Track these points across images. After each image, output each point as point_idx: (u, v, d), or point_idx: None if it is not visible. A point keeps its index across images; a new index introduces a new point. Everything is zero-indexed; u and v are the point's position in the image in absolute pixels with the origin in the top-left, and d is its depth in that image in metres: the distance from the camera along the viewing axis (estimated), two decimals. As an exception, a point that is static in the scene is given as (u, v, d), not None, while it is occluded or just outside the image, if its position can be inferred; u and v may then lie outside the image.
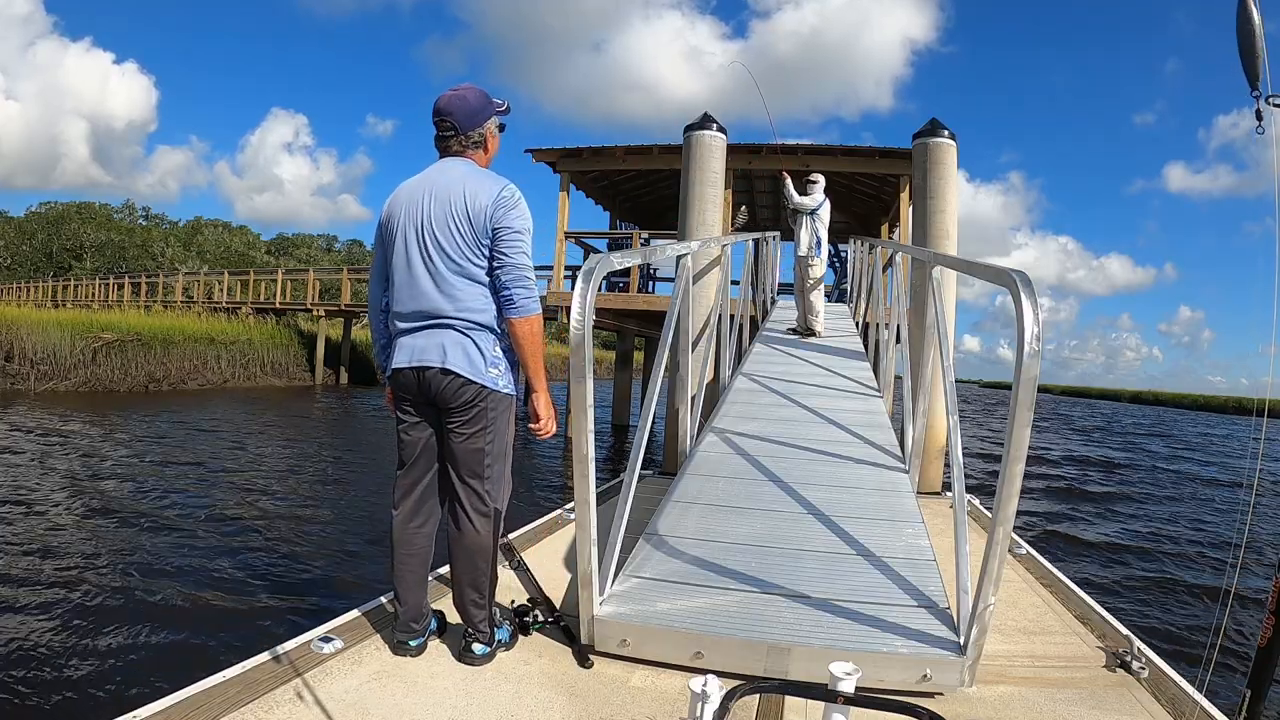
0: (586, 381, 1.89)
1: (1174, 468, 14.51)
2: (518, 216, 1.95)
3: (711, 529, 2.77)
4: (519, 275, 1.93)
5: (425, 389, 1.96)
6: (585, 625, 2.12)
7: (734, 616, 2.15)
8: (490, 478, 2.00)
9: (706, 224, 5.20)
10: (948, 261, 3.59)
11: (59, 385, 15.99)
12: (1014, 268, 1.92)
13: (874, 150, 11.57)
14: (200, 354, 18.97)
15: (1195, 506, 9.94)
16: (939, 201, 5.20)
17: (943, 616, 2.16)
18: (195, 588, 4.48)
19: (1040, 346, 1.74)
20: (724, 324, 5.28)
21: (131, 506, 6.48)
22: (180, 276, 28.29)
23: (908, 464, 3.70)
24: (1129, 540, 7.57)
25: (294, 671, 1.88)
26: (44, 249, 40.16)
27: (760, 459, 3.59)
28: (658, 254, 3.89)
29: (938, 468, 4.96)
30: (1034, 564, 3.21)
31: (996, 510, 1.84)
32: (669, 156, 11.25)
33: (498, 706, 1.79)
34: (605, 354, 29.46)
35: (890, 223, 14.50)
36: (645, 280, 14.03)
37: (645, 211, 16.47)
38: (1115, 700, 1.97)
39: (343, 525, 6.26)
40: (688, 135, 5.28)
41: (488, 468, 1.98)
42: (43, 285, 31.19)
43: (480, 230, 1.92)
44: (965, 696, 1.96)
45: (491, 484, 2.00)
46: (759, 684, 1.58)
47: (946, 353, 3.26)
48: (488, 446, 1.98)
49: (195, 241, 44.62)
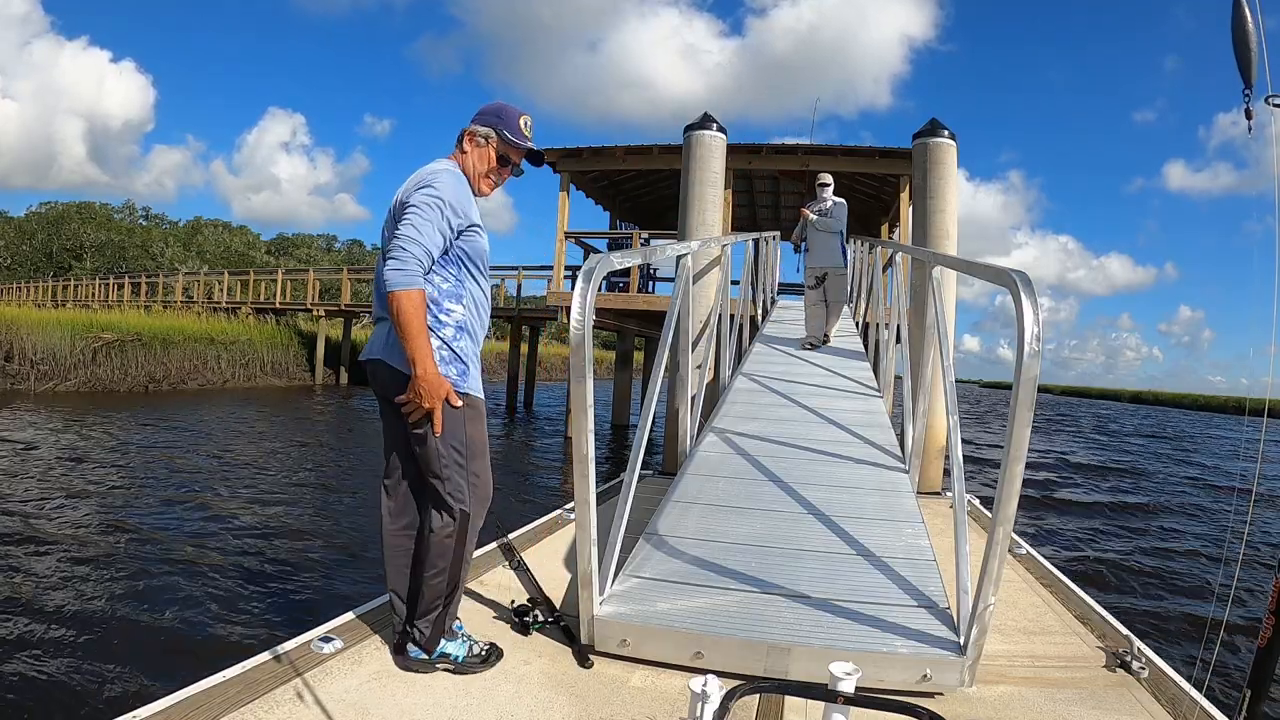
0: (586, 381, 1.89)
1: (1173, 468, 14.51)
2: (421, 190, 1.87)
3: (711, 529, 2.77)
4: (395, 247, 1.81)
5: (373, 381, 1.97)
6: (585, 625, 2.12)
7: (734, 616, 2.15)
8: (446, 476, 1.91)
9: (706, 224, 5.20)
10: (948, 261, 3.59)
11: (59, 385, 15.99)
12: (1014, 268, 1.92)
13: (874, 150, 11.56)
14: (200, 354, 18.97)
15: (1195, 506, 9.94)
16: (939, 201, 5.20)
17: (943, 616, 2.16)
18: (195, 587, 4.48)
19: (1040, 346, 1.74)
20: (724, 324, 5.28)
21: (131, 506, 6.48)
22: (180, 276, 28.29)
23: (908, 464, 3.70)
24: (1129, 540, 7.57)
25: (294, 671, 1.88)
26: (44, 249, 40.16)
27: (760, 459, 3.59)
28: (658, 254, 3.89)
29: (938, 468, 4.96)
30: (1034, 564, 3.21)
31: (996, 510, 1.84)
32: (669, 156, 11.25)
33: (497, 706, 1.79)
34: (605, 354, 29.46)
35: (890, 223, 14.50)
36: (645, 280, 14.04)
37: (645, 211, 16.47)
38: (1115, 700, 1.97)
39: (343, 525, 6.27)
40: (688, 135, 5.28)
41: (443, 466, 1.90)
42: (43, 285, 31.20)
43: (398, 218, 1.88)
44: (965, 696, 1.96)
45: (450, 483, 1.92)
46: (759, 684, 1.58)
47: (946, 353, 3.26)
48: (437, 443, 1.88)
49: (195, 241, 44.63)
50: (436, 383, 1.82)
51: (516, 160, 2.09)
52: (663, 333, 3.25)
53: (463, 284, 1.99)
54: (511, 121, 2.03)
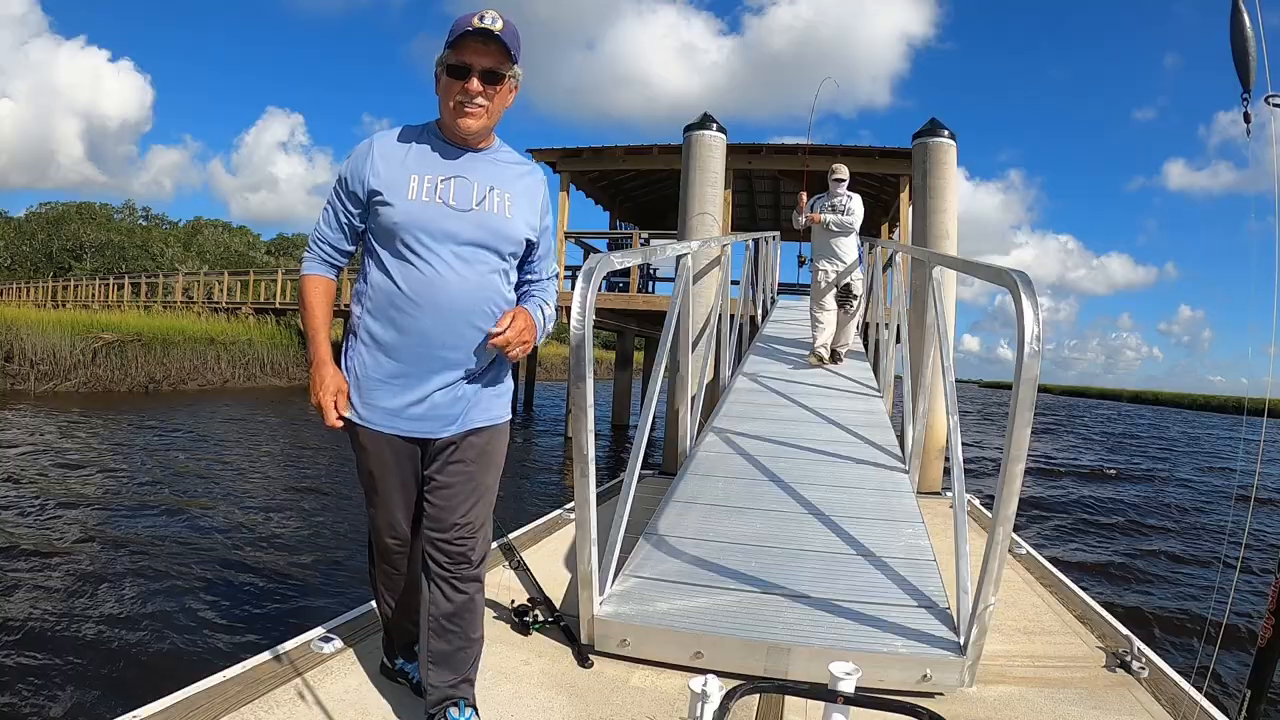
0: (586, 381, 1.89)
1: (1173, 468, 14.51)
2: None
3: (711, 529, 2.77)
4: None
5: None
6: (585, 625, 2.12)
7: (734, 616, 2.15)
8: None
9: (706, 224, 5.21)
10: (947, 261, 3.60)
11: (59, 386, 15.98)
12: (1014, 268, 1.93)
13: (874, 150, 11.56)
14: (200, 354, 18.96)
15: (1195, 506, 9.94)
16: (939, 201, 5.20)
17: (943, 616, 2.16)
18: (195, 587, 4.47)
19: (1040, 346, 1.74)
20: (724, 324, 5.28)
21: (131, 506, 6.48)
22: (180, 277, 28.28)
23: (908, 464, 3.71)
24: (1128, 540, 7.56)
25: (294, 671, 1.88)
26: (44, 249, 40.15)
27: (760, 459, 3.59)
28: (658, 254, 3.89)
29: (938, 468, 4.96)
30: (1034, 564, 3.21)
31: (996, 510, 1.84)
32: (669, 156, 11.25)
33: (497, 706, 1.79)
34: (605, 354, 29.45)
35: (890, 222, 14.50)
36: (645, 280, 14.03)
37: (645, 211, 16.47)
38: (1115, 700, 1.97)
39: (344, 525, 6.26)
40: (687, 135, 5.29)
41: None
42: (43, 285, 31.17)
43: None
44: (965, 696, 1.96)
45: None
46: (759, 684, 1.58)
47: (946, 352, 3.26)
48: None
49: (195, 242, 44.60)
50: (314, 383, 1.57)
51: (470, 61, 1.52)
52: (663, 333, 3.25)
53: (367, 270, 1.61)
54: (457, 26, 1.53)
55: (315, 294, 1.64)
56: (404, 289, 1.55)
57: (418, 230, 1.54)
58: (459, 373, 1.60)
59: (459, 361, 1.59)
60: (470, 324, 1.57)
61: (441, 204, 1.56)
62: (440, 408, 1.60)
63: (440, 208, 1.56)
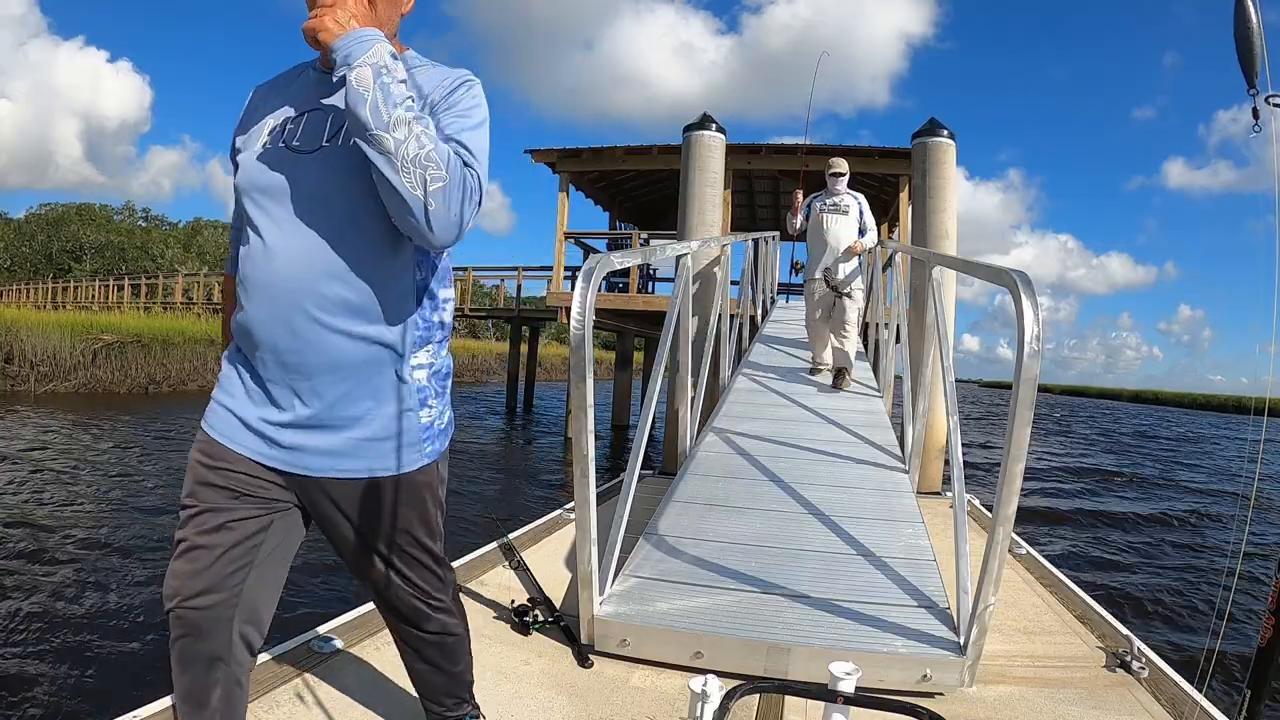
0: (586, 381, 1.89)
1: (1172, 468, 14.51)
2: None
3: (711, 529, 2.77)
4: None
5: None
6: (585, 625, 2.12)
7: (734, 616, 2.15)
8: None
9: (706, 224, 5.21)
10: (947, 261, 3.60)
11: (59, 387, 15.98)
12: (1014, 267, 1.92)
13: (873, 150, 11.55)
14: (200, 355, 18.94)
15: (1195, 507, 9.94)
16: (938, 201, 5.21)
17: (943, 616, 2.16)
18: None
19: (1040, 346, 1.74)
20: (724, 324, 5.28)
21: (131, 507, 6.48)
22: (180, 278, 28.27)
23: (908, 464, 3.71)
24: (1127, 541, 7.56)
25: (294, 671, 1.88)
26: (43, 250, 40.16)
27: (760, 459, 3.59)
28: (658, 254, 3.89)
29: (938, 467, 4.96)
30: (1034, 564, 3.21)
31: (996, 510, 1.84)
32: (669, 157, 11.24)
33: (497, 706, 1.79)
34: (605, 354, 29.44)
35: (890, 222, 14.50)
36: (645, 280, 14.04)
37: (645, 211, 16.47)
38: (1115, 700, 1.97)
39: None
40: (687, 135, 5.29)
41: None
42: (42, 287, 31.17)
43: None
44: (965, 696, 1.96)
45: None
46: (759, 684, 1.58)
47: (946, 352, 3.26)
48: None
49: (195, 243, 44.59)
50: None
51: None
52: (663, 333, 3.25)
53: (236, 244, 1.22)
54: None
55: (226, 298, 1.31)
56: (240, 273, 1.15)
57: (253, 190, 1.13)
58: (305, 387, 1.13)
59: (301, 369, 1.12)
60: (305, 312, 1.08)
61: (284, 148, 1.13)
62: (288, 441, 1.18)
63: (280, 152, 1.12)
